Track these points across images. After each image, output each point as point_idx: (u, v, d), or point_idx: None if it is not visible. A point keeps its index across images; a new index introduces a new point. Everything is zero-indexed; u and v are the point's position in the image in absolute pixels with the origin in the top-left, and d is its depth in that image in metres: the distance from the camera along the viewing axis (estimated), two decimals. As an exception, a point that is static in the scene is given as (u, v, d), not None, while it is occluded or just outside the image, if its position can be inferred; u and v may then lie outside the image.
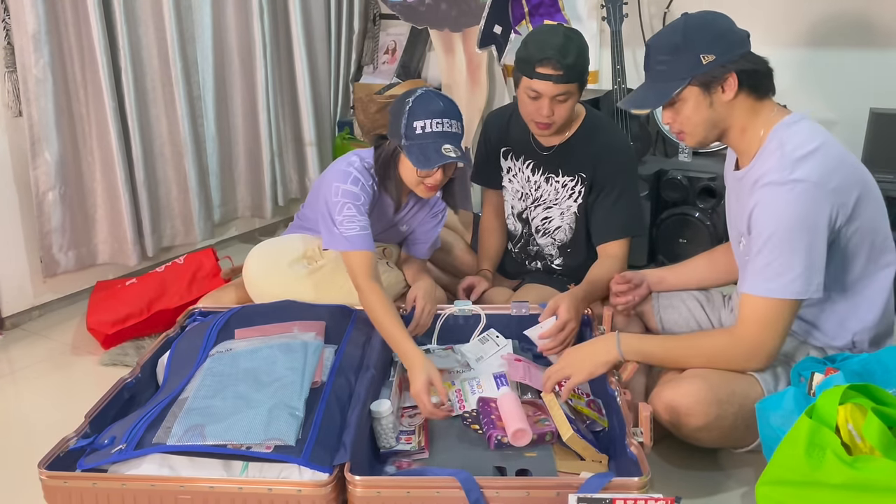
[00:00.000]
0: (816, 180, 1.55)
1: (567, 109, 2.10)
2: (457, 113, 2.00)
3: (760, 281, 1.60)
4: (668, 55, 1.65)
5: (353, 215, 2.01)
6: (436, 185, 2.02)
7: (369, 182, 2.07)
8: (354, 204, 2.02)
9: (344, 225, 2.00)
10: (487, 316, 2.11)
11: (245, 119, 3.25)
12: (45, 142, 2.55)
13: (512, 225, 2.44)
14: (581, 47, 2.06)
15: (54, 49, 2.53)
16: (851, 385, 1.37)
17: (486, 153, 2.42)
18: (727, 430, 1.67)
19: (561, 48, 2.01)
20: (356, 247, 1.97)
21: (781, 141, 1.61)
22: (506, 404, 1.72)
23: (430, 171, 1.97)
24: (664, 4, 3.18)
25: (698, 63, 1.61)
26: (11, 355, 2.48)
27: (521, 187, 2.35)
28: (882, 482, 1.22)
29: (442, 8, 3.16)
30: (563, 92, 2.05)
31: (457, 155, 1.93)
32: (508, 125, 2.33)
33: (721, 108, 1.65)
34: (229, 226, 3.37)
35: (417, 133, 1.94)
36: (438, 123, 1.94)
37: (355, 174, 2.05)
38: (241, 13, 3.14)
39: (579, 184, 2.24)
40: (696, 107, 1.65)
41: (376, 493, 1.43)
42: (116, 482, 1.46)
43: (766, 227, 1.58)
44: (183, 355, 1.86)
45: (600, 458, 1.63)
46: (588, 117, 2.23)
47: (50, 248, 2.63)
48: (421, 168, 1.94)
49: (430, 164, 1.92)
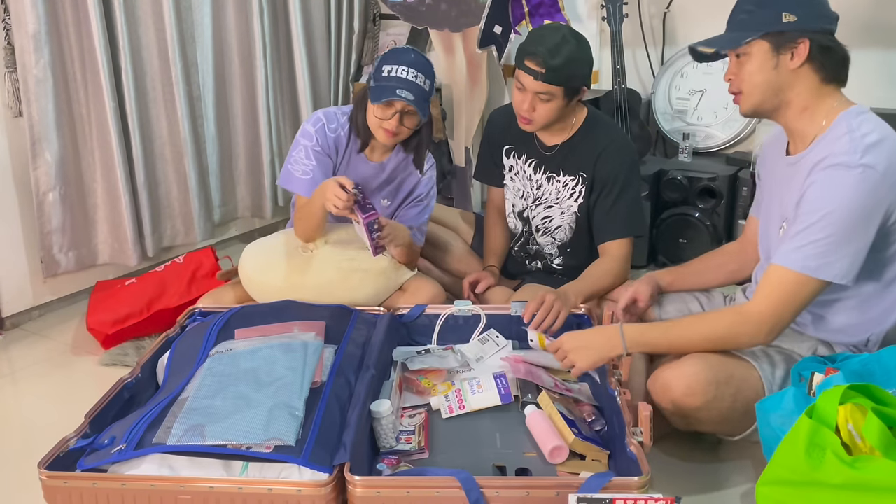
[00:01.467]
0: (883, 171, 1.53)
1: (549, 110, 2.09)
2: (427, 69, 2.14)
3: (799, 257, 1.57)
4: (755, 4, 1.62)
5: (300, 158, 2.23)
6: (393, 131, 2.14)
7: (333, 124, 2.25)
8: (305, 145, 2.22)
9: (291, 164, 2.24)
10: (487, 316, 2.11)
11: (245, 119, 3.25)
12: (46, 142, 2.55)
13: (513, 223, 2.44)
14: (576, 53, 2.04)
15: (54, 49, 2.53)
16: (851, 385, 1.37)
17: (488, 150, 2.43)
18: (725, 411, 1.67)
19: (552, 48, 2.01)
20: (291, 187, 2.23)
21: (850, 126, 1.58)
22: (536, 423, 1.72)
23: (386, 114, 2.10)
24: (664, 4, 3.18)
25: (777, 19, 1.58)
26: (11, 355, 2.49)
27: (523, 186, 2.36)
28: (882, 482, 1.22)
29: (442, 8, 3.16)
30: (545, 91, 2.05)
31: (410, 99, 2.06)
32: (511, 123, 2.32)
33: (785, 75, 1.61)
34: (229, 226, 3.38)
35: (383, 75, 2.10)
36: (403, 70, 2.09)
37: (319, 115, 2.26)
38: (241, 13, 3.14)
39: (580, 183, 2.24)
40: (760, 64, 1.62)
41: (376, 493, 1.43)
42: (116, 482, 1.46)
43: (823, 205, 1.55)
44: (183, 355, 1.86)
45: (601, 456, 1.64)
46: (590, 117, 2.23)
47: (50, 248, 2.63)
48: (374, 101, 2.10)
49: (379, 98, 2.07)
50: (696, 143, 3.15)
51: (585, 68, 2.09)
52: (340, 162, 2.29)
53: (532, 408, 1.77)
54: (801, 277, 1.58)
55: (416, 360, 2.01)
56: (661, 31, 3.22)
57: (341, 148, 2.28)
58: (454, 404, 1.83)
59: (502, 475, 1.60)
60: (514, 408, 1.84)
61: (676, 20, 3.20)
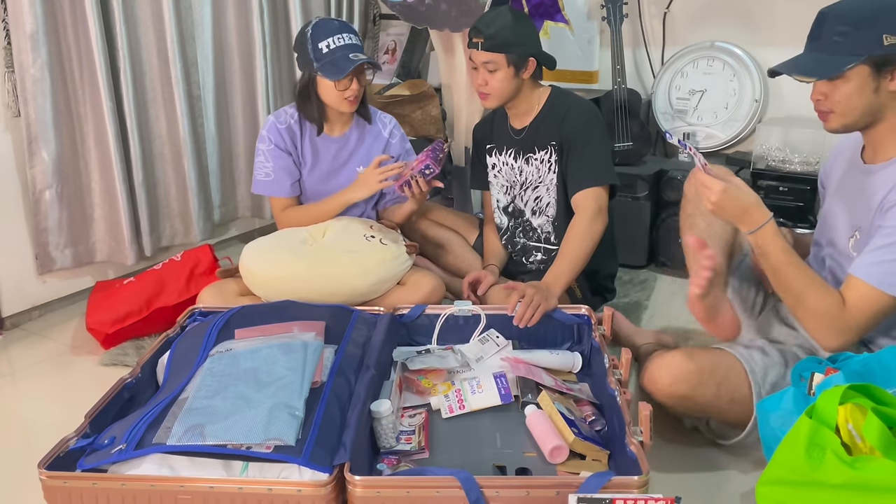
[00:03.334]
0: None
1: (499, 81, 2.21)
2: (351, 28, 2.30)
3: (880, 272, 1.55)
4: (850, 27, 1.54)
5: (261, 163, 2.40)
6: (355, 95, 2.28)
7: (281, 118, 2.39)
8: (260, 149, 2.39)
9: (255, 171, 2.41)
10: (487, 316, 2.11)
11: (245, 119, 3.24)
12: (43, 141, 2.55)
13: (498, 218, 2.50)
14: (509, 23, 2.17)
15: (52, 49, 2.53)
16: (851, 385, 1.37)
17: (476, 157, 2.53)
18: (710, 398, 1.71)
19: (488, 21, 2.19)
20: (261, 191, 2.42)
21: None
22: (536, 423, 1.72)
23: (346, 84, 2.24)
24: (664, 4, 3.18)
25: (879, 42, 1.52)
26: (11, 355, 2.49)
27: (507, 180, 2.41)
28: (882, 482, 1.22)
29: (442, 8, 3.16)
30: (487, 60, 2.19)
31: (364, 58, 2.21)
32: (492, 124, 2.45)
33: (885, 97, 1.57)
34: (229, 226, 3.37)
35: (325, 52, 2.21)
36: (339, 38, 2.22)
37: (269, 118, 2.41)
38: (241, 13, 3.14)
39: (552, 154, 2.28)
40: (860, 88, 1.56)
41: (376, 493, 1.43)
42: (116, 482, 1.46)
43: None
44: (183, 355, 1.86)
45: (601, 456, 1.64)
46: (553, 92, 2.33)
47: (46, 245, 2.64)
48: (336, 78, 2.21)
49: (343, 71, 2.19)
50: (697, 143, 3.15)
51: (523, 38, 2.21)
52: (303, 149, 2.40)
53: (532, 407, 1.77)
54: (879, 293, 1.56)
55: (416, 360, 2.01)
56: (661, 31, 3.22)
57: (297, 137, 2.40)
58: (454, 404, 1.83)
59: (502, 475, 1.60)
60: (514, 408, 1.84)
61: (676, 20, 3.20)
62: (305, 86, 2.31)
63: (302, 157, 2.41)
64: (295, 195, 2.45)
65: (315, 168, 2.43)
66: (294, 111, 2.40)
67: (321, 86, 2.28)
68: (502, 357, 1.99)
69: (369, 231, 2.31)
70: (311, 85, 2.30)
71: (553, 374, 1.94)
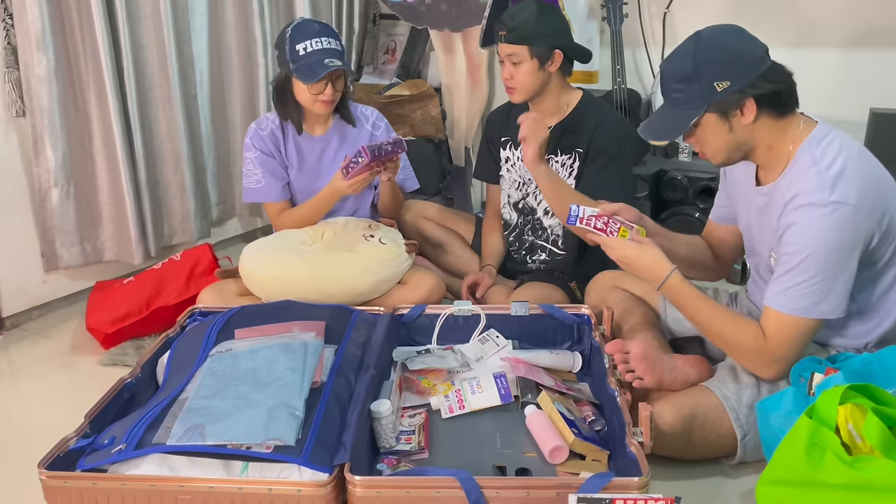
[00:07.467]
0: (855, 203, 1.52)
1: (524, 75, 2.19)
2: (332, 32, 2.27)
3: (786, 299, 1.58)
4: (682, 83, 1.60)
5: (249, 171, 2.40)
6: (329, 100, 2.27)
7: (263, 124, 2.39)
8: (247, 157, 2.39)
9: (244, 179, 2.42)
10: (487, 316, 2.11)
11: (244, 118, 3.23)
12: (48, 141, 2.55)
13: (507, 214, 2.46)
14: (534, 15, 2.15)
15: (59, 49, 2.53)
16: (851, 385, 1.37)
17: (487, 147, 2.48)
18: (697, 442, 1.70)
19: (513, 13, 2.19)
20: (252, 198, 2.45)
21: (814, 158, 1.57)
22: (536, 423, 1.72)
23: (320, 88, 2.22)
24: (664, 4, 3.18)
25: (713, 91, 1.56)
26: (11, 355, 2.48)
27: (520, 175, 2.39)
28: (882, 482, 1.22)
29: (442, 8, 3.16)
30: (512, 52, 2.18)
31: (339, 65, 2.19)
32: (509, 116, 2.39)
33: (742, 131, 1.61)
34: (229, 225, 3.38)
35: (301, 55, 2.20)
36: (317, 42, 2.20)
37: (251, 125, 2.42)
38: (241, 12, 3.14)
39: (576, 160, 2.27)
40: (715, 132, 1.62)
41: (376, 493, 1.43)
42: (116, 482, 1.46)
43: (802, 247, 1.55)
44: (183, 355, 1.86)
45: (601, 456, 1.64)
46: (584, 98, 2.30)
47: (52, 243, 2.64)
48: (308, 81, 2.19)
49: (316, 76, 2.17)
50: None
51: (547, 29, 2.18)
52: (287, 152, 2.41)
53: (532, 408, 1.77)
54: (795, 320, 1.59)
55: (416, 360, 2.01)
56: (661, 31, 3.22)
57: (279, 140, 2.40)
58: (454, 404, 1.83)
59: (502, 475, 1.60)
60: (514, 408, 1.84)
61: (676, 20, 3.20)
62: (282, 84, 2.31)
63: (287, 160, 2.41)
64: (287, 198, 2.45)
65: (302, 169, 2.43)
66: (275, 116, 2.39)
67: (296, 86, 2.28)
68: (502, 357, 1.99)
69: (369, 231, 2.31)
70: (287, 84, 2.30)
71: (553, 374, 1.94)
